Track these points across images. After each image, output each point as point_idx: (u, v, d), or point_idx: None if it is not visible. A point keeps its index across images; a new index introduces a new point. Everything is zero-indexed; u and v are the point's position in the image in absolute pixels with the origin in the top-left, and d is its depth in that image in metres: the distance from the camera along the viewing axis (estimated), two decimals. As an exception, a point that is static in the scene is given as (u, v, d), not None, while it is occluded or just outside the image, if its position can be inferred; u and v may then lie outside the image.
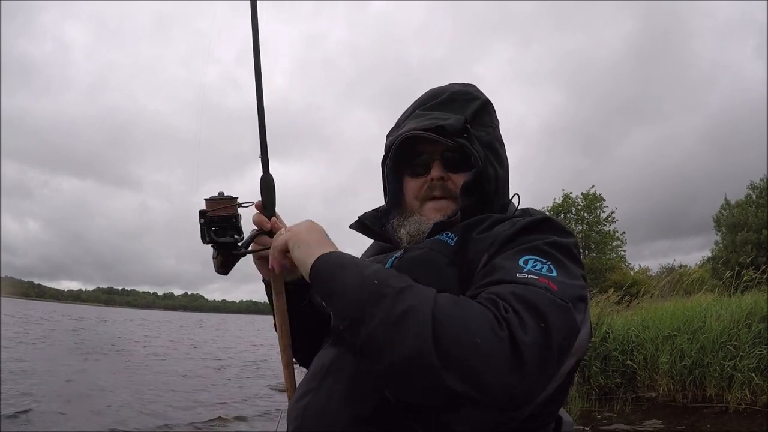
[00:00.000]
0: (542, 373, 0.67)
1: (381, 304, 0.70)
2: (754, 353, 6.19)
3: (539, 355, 0.66)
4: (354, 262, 0.83)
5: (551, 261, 0.79)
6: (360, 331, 0.71)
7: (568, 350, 0.72)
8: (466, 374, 0.63)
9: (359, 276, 0.76)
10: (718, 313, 6.83)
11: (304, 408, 0.88)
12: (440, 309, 0.68)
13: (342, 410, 0.83)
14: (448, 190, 0.99)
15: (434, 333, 0.65)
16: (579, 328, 0.73)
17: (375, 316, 0.70)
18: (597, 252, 24.23)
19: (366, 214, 1.09)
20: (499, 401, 0.64)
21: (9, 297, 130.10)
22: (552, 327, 0.68)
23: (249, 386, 9.93)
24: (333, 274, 0.80)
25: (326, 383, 0.88)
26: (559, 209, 25.08)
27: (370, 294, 0.72)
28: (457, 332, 0.65)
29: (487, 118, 1.02)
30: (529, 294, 0.71)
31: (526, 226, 0.86)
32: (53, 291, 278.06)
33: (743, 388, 6.12)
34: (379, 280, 0.74)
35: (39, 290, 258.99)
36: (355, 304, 0.73)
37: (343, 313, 0.76)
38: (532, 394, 0.67)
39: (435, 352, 0.64)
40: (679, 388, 6.61)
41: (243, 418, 7.02)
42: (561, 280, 0.76)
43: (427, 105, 1.03)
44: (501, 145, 1.03)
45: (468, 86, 1.06)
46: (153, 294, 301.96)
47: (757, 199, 22.48)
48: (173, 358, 14.64)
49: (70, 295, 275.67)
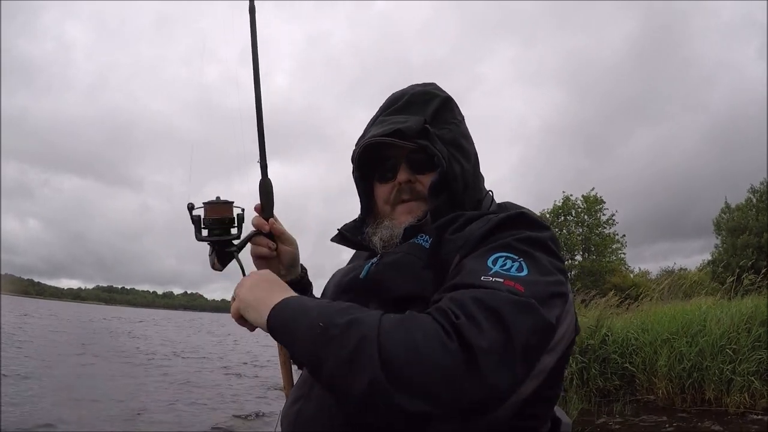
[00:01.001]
0: (505, 375, 0.66)
1: (330, 347, 0.72)
2: (754, 357, 6.20)
3: (499, 359, 0.66)
4: (301, 308, 0.82)
5: (523, 258, 0.79)
6: (321, 374, 0.74)
7: (540, 349, 0.72)
8: (417, 393, 0.64)
9: (307, 323, 0.77)
10: (718, 316, 6.83)
11: (297, 413, 0.91)
12: (385, 334, 0.69)
13: (332, 415, 0.85)
14: (417, 192, 1.00)
15: (382, 361, 0.66)
16: (553, 325, 0.73)
17: (328, 359, 0.72)
18: (597, 254, 24.24)
19: (345, 225, 1.11)
20: (458, 411, 0.65)
21: (8, 295, 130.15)
22: (512, 328, 0.68)
23: (249, 386, 9.93)
24: (285, 329, 0.82)
25: (315, 390, 0.90)
26: (559, 211, 25.10)
27: (318, 340, 0.74)
28: (404, 354, 0.66)
29: (449, 114, 1.02)
30: (488, 298, 0.71)
31: (500, 222, 0.86)
32: (53, 289, 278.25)
33: (742, 392, 6.12)
34: (325, 322, 0.74)
35: (39, 288, 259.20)
36: (309, 352, 0.75)
37: (303, 360, 0.79)
38: (498, 397, 0.66)
39: (386, 379, 0.65)
40: (678, 391, 6.61)
41: (242, 419, 7.02)
42: (530, 279, 0.75)
43: (388, 110, 1.04)
44: (466, 139, 1.03)
45: (428, 86, 1.06)
46: (153, 293, 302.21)
47: (758, 203, 22.49)
48: (173, 358, 14.64)
49: (70, 294, 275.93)
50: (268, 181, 1.11)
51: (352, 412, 0.74)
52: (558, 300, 0.77)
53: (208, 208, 1.08)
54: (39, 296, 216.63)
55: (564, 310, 0.77)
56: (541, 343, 0.72)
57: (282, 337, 0.83)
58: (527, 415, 0.81)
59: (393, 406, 0.65)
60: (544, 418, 0.88)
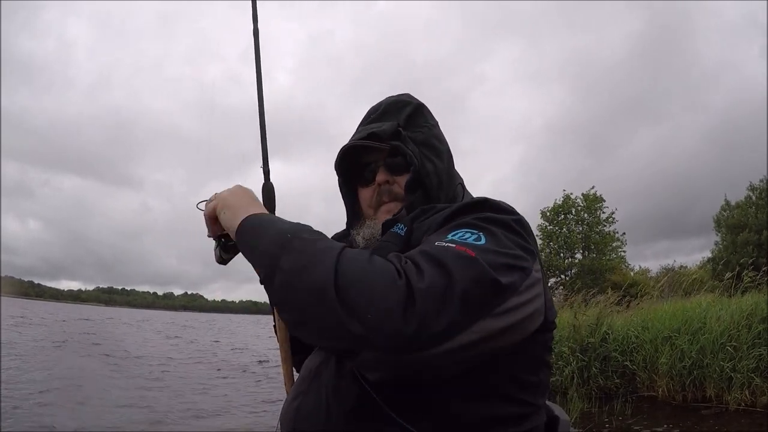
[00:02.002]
0: (440, 318, 0.68)
1: (291, 254, 0.75)
2: (754, 354, 6.21)
3: (435, 300, 0.68)
4: (274, 219, 0.89)
5: (482, 232, 0.80)
6: (274, 281, 0.76)
7: (483, 302, 0.72)
8: (359, 315, 0.68)
9: (276, 231, 0.82)
10: (718, 314, 6.84)
11: (296, 410, 0.93)
12: (344, 257, 0.73)
13: (329, 408, 0.87)
14: (394, 194, 1.05)
15: (336, 278, 0.70)
16: (500, 283, 0.73)
17: (285, 264, 0.75)
18: (597, 253, 24.26)
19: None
20: (392, 342, 0.67)
21: (8, 296, 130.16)
22: (453, 275, 0.70)
23: (249, 386, 9.94)
24: (254, 231, 0.86)
25: (314, 386, 0.92)
26: (559, 210, 25.12)
27: (282, 246, 0.77)
28: (357, 278, 0.70)
29: (421, 119, 1.09)
30: (435, 252, 0.74)
31: (462, 206, 0.89)
32: (52, 291, 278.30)
33: (743, 389, 6.13)
34: (293, 234, 0.79)
35: (38, 290, 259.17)
36: (268, 256, 0.78)
37: (260, 265, 0.81)
38: (429, 335, 0.68)
39: (336, 297, 0.69)
40: (678, 388, 6.62)
41: (242, 418, 7.03)
42: (484, 248, 0.76)
43: (366, 121, 1.12)
44: (439, 140, 1.08)
45: (402, 96, 1.13)
46: (153, 294, 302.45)
47: (757, 200, 22.50)
48: (173, 358, 14.65)
49: (70, 295, 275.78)
50: (271, 185, 1.17)
51: (294, 325, 0.77)
52: (515, 272, 0.77)
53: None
54: (38, 298, 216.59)
55: (523, 284, 0.77)
56: (485, 298, 0.72)
57: (247, 240, 0.87)
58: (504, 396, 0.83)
59: (339, 324, 0.68)
60: (529, 405, 0.88)
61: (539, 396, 0.91)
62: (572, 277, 23.03)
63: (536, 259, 0.84)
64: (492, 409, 0.83)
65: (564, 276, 23.94)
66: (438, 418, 0.80)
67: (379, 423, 0.81)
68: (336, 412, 0.85)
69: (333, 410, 0.86)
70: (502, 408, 0.83)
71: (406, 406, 0.80)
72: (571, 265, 24.66)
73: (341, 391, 0.86)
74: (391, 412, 0.80)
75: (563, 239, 24.62)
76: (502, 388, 0.84)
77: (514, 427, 0.85)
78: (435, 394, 0.80)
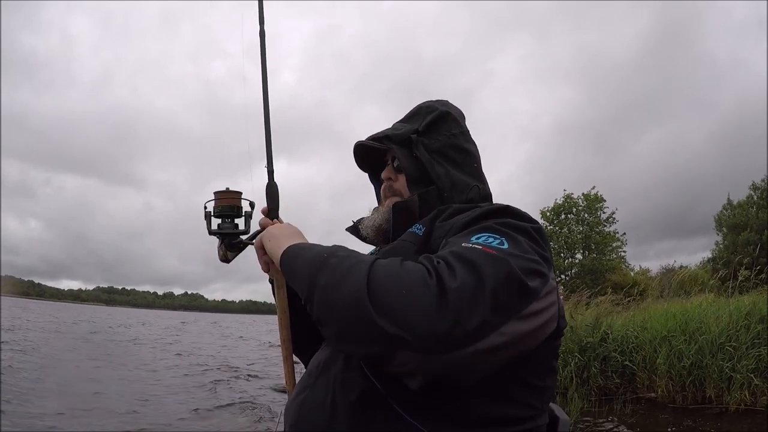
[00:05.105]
0: (472, 317, 0.69)
1: (326, 271, 0.79)
2: (753, 354, 6.21)
3: (467, 299, 0.69)
4: (313, 245, 0.93)
5: (504, 237, 0.82)
6: (313, 300, 0.79)
7: (511, 303, 0.73)
8: (394, 317, 0.69)
9: (313, 254, 0.86)
10: (716, 314, 6.84)
11: (301, 404, 0.94)
12: (376, 265, 0.76)
13: (335, 401, 0.88)
14: (395, 189, 1.14)
15: (369, 285, 0.72)
16: (527, 284, 0.74)
17: (322, 281, 0.78)
18: (597, 253, 24.24)
19: (360, 219, 1.21)
20: (426, 342, 0.69)
21: (8, 296, 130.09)
22: (484, 274, 0.71)
23: (248, 386, 9.94)
24: (296, 258, 0.91)
25: (321, 380, 0.93)
26: (560, 209, 25.10)
27: (318, 266, 0.81)
28: (389, 281, 0.72)
29: (444, 127, 1.13)
30: (465, 252, 0.76)
31: (484, 212, 0.91)
32: (53, 290, 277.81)
33: (743, 389, 6.13)
34: (329, 254, 0.82)
35: (39, 290, 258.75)
36: (307, 276, 0.82)
37: (300, 287, 0.84)
38: (463, 334, 0.69)
39: (370, 302, 0.71)
40: (678, 389, 6.61)
41: (243, 417, 7.03)
42: (509, 252, 0.78)
43: (402, 119, 1.19)
44: (458, 150, 1.12)
45: (435, 102, 1.19)
46: (153, 294, 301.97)
47: (758, 200, 22.48)
48: (172, 358, 14.65)
49: (70, 295, 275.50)
50: (274, 184, 1.20)
51: (335, 339, 0.78)
52: (537, 277, 0.78)
53: (218, 197, 1.20)
54: (39, 297, 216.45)
55: (543, 290, 0.79)
56: (513, 298, 0.73)
57: (289, 267, 0.92)
58: (510, 399, 0.84)
59: (375, 328, 0.70)
60: (533, 408, 0.89)
61: (545, 400, 0.93)
62: (572, 277, 23.02)
63: (552, 268, 0.85)
64: (498, 411, 0.84)
65: (564, 276, 23.92)
66: (443, 415, 0.82)
67: (383, 417, 0.82)
68: (341, 405, 0.86)
69: (338, 403, 0.87)
70: (508, 410, 0.85)
71: (412, 402, 0.81)
72: (571, 266, 24.65)
73: (348, 383, 0.87)
74: (396, 407, 0.82)
75: (564, 239, 24.60)
76: (511, 391, 0.85)
77: (516, 426, 0.86)
78: (442, 392, 0.81)
